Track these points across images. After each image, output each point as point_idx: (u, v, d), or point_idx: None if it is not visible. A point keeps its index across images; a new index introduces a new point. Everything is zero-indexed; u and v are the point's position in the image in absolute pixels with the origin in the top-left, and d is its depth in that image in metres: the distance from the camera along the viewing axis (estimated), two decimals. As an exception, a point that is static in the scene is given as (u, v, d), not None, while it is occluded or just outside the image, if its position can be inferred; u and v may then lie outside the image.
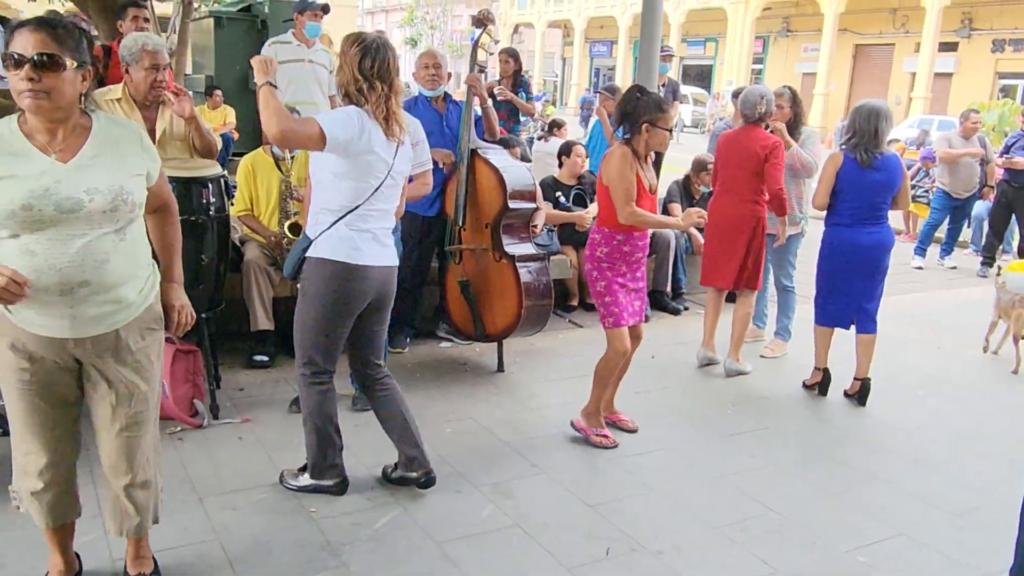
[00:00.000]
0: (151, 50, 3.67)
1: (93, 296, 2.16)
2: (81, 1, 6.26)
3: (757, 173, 4.76)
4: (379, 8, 56.18)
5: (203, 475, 3.32)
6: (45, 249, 2.08)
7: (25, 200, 2.03)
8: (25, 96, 2.04)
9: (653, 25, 6.55)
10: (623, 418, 4.05)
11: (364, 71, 2.87)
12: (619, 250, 3.75)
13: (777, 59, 33.60)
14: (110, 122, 2.25)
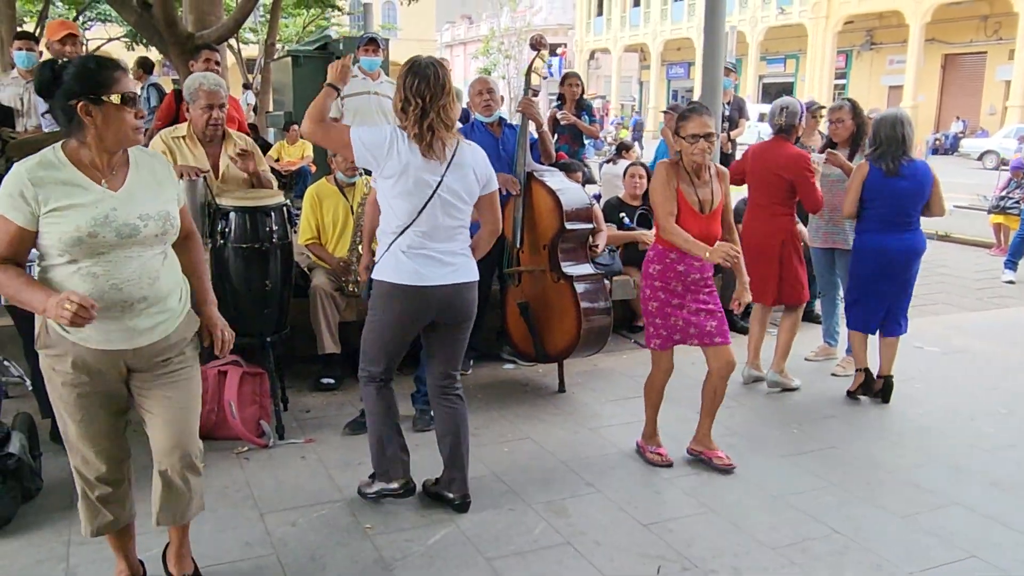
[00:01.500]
0: (207, 89, 3.88)
1: (148, 309, 2.33)
2: (164, 48, 6.64)
3: (783, 187, 4.69)
4: (457, 41, 57.37)
5: (266, 492, 3.43)
6: (106, 271, 2.24)
7: (91, 227, 2.19)
8: (139, 132, 2.29)
9: (716, 43, 6.55)
10: (719, 454, 3.79)
11: (406, 90, 2.98)
12: (673, 269, 3.66)
13: (861, 73, 32.74)
14: (143, 153, 2.42)
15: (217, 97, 3.87)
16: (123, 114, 2.22)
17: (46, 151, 2.26)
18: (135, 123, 2.25)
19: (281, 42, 19.45)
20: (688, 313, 3.66)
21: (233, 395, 3.84)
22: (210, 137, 3.92)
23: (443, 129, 3.00)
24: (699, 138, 3.49)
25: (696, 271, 3.66)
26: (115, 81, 2.21)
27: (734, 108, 7.97)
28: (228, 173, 3.97)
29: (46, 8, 15.82)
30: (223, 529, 3.14)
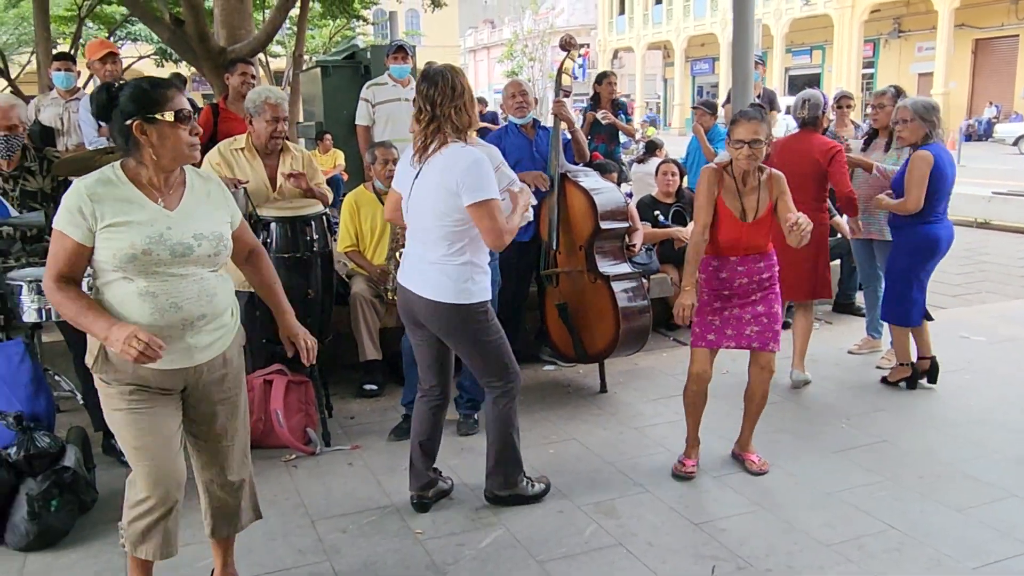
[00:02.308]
0: (273, 103, 3.95)
1: (207, 326, 2.37)
2: (197, 63, 6.74)
3: (815, 179, 4.67)
4: (480, 46, 57.55)
5: (315, 500, 3.46)
6: (164, 290, 2.26)
7: (145, 245, 2.22)
8: (195, 149, 2.32)
9: (745, 37, 6.46)
10: (751, 457, 3.72)
11: (419, 97, 3.02)
12: (716, 276, 3.58)
13: (889, 62, 32.27)
14: (197, 175, 2.44)
15: (281, 110, 3.96)
16: (177, 131, 2.25)
17: (105, 169, 2.29)
18: (190, 140, 2.28)
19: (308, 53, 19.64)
20: (728, 315, 3.58)
21: (279, 404, 3.87)
22: (271, 149, 3.98)
23: (451, 132, 2.98)
24: (743, 144, 3.39)
25: (742, 276, 3.55)
26: (168, 99, 2.24)
27: (764, 101, 7.88)
28: (284, 185, 4.02)
29: (79, 29, 16.12)
30: (275, 537, 3.17)
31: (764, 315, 3.58)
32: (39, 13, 14.90)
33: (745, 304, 3.58)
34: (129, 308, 2.25)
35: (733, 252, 3.54)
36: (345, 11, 17.35)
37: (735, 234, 3.51)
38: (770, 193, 3.53)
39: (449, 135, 2.97)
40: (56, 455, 3.21)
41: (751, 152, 3.40)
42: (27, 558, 3.03)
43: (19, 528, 3.06)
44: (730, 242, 3.52)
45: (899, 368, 4.70)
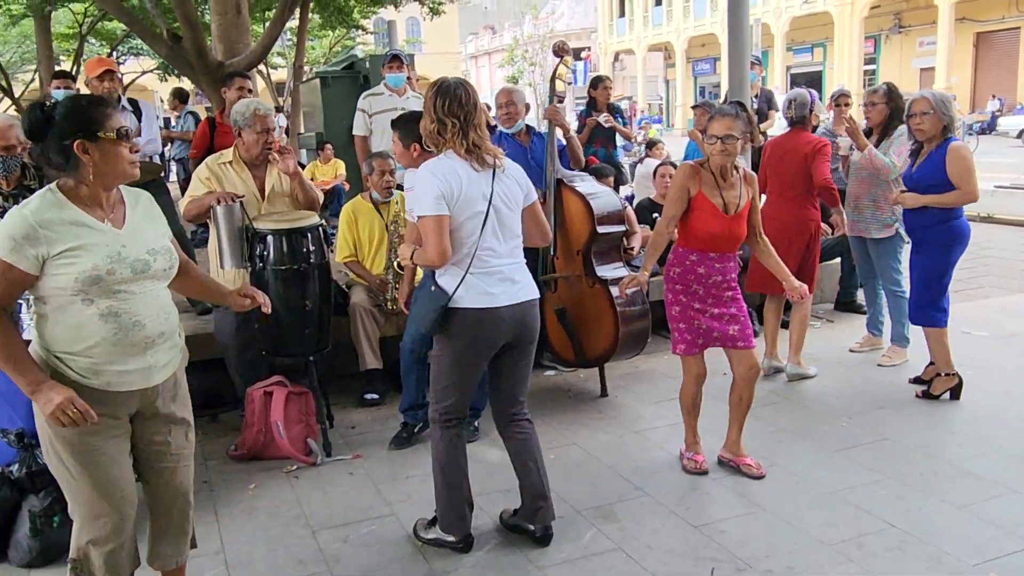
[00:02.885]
0: (262, 114, 3.97)
1: (164, 343, 2.36)
2: (196, 78, 6.78)
3: (804, 176, 4.73)
4: (481, 52, 57.66)
5: (316, 510, 3.47)
6: (125, 309, 2.23)
7: (109, 264, 2.19)
8: (135, 166, 2.29)
9: (741, 38, 6.49)
10: (747, 461, 3.70)
11: (437, 112, 2.90)
12: (693, 271, 3.59)
13: (891, 57, 32.20)
14: (128, 192, 2.39)
15: (270, 121, 3.98)
16: (119, 148, 2.23)
17: (43, 193, 2.21)
18: (131, 157, 2.26)
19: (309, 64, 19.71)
20: (710, 317, 3.59)
21: (279, 415, 3.88)
22: (261, 160, 4.01)
23: (487, 142, 2.95)
24: (717, 139, 3.44)
25: (717, 273, 3.58)
26: (108, 117, 2.21)
27: (762, 101, 7.90)
28: (274, 193, 4.05)
29: (81, 46, 16.23)
30: (276, 548, 3.18)
31: (740, 313, 3.62)
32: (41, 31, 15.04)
33: (719, 303, 3.61)
34: (89, 330, 2.20)
35: (714, 247, 3.55)
36: (344, 21, 17.42)
37: (719, 227, 3.53)
38: (749, 188, 3.61)
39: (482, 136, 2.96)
40: (58, 472, 3.23)
41: (724, 147, 3.44)
42: (30, 574, 3.05)
43: (22, 544, 3.08)
44: (715, 236, 3.53)
45: (944, 379, 4.47)
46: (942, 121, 4.29)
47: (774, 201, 4.92)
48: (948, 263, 4.42)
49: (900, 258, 5.12)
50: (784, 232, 4.72)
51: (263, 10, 14.70)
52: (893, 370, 4.97)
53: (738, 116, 3.47)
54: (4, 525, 3.12)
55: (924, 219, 4.38)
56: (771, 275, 4.44)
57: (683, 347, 3.66)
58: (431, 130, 2.93)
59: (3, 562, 3.11)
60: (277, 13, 7.60)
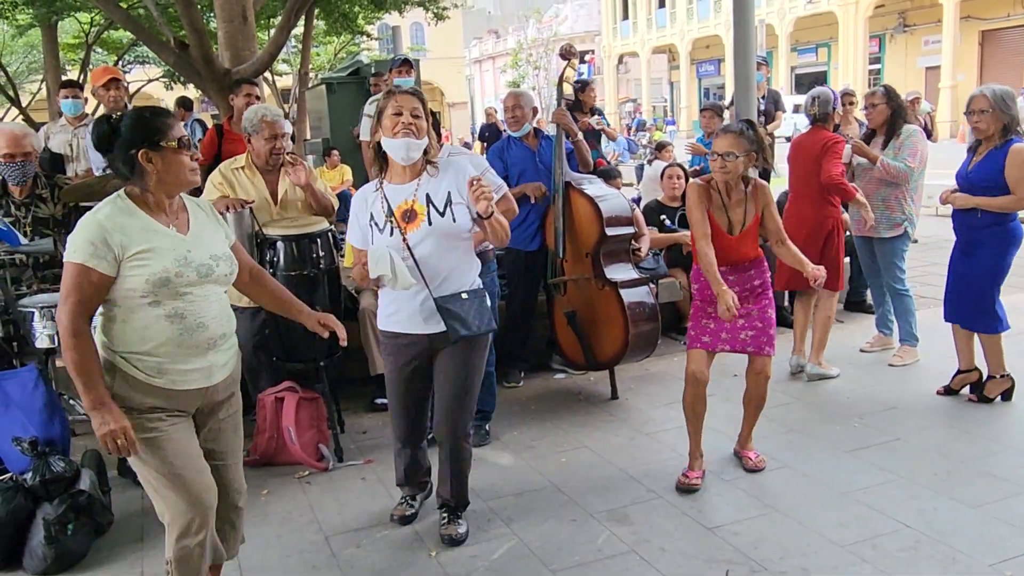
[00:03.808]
0: (270, 120, 3.98)
1: (224, 344, 2.45)
2: (203, 85, 6.80)
3: (820, 172, 4.73)
4: (485, 56, 57.73)
5: (329, 515, 3.47)
6: (190, 311, 2.33)
7: (177, 267, 2.28)
8: (196, 173, 2.39)
9: (747, 39, 6.48)
10: (749, 454, 3.75)
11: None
12: (708, 286, 3.56)
13: (896, 57, 32.12)
14: (190, 201, 2.50)
15: (279, 127, 3.99)
16: (180, 157, 2.32)
17: (114, 199, 2.31)
18: (192, 165, 2.36)
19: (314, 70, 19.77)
20: (724, 319, 3.52)
21: (291, 421, 3.89)
22: (272, 166, 4.03)
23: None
24: (717, 156, 3.45)
25: (732, 284, 3.52)
26: (170, 127, 2.31)
27: (769, 101, 7.90)
28: (287, 199, 4.06)
29: (87, 55, 16.31)
30: (290, 554, 3.18)
31: (758, 319, 3.58)
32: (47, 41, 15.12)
33: (740, 308, 3.54)
34: (155, 331, 2.29)
35: (722, 264, 3.52)
36: (349, 28, 17.46)
37: (723, 247, 3.52)
38: (756, 204, 3.56)
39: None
40: (71, 479, 3.24)
41: (724, 165, 3.43)
42: (46, 582, 3.06)
43: (37, 552, 3.09)
44: (718, 255, 3.51)
45: (999, 381, 4.39)
46: (1001, 120, 4.08)
47: (794, 198, 4.99)
48: (1003, 266, 4.28)
49: (905, 257, 5.11)
50: (802, 228, 4.77)
51: (268, 17, 14.75)
52: (905, 369, 4.95)
53: (742, 134, 3.43)
54: (19, 533, 3.13)
55: (977, 220, 4.23)
56: (797, 272, 4.48)
57: (687, 342, 3.68)
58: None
59: (18, 570, 3.12)
60: (283, 20, 7.62)
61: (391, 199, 2.98)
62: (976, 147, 4.31)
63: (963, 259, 4.38)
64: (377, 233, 2.97)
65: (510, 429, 4.33)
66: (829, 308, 4.93)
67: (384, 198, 2.98)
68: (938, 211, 10.84)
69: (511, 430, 4.32)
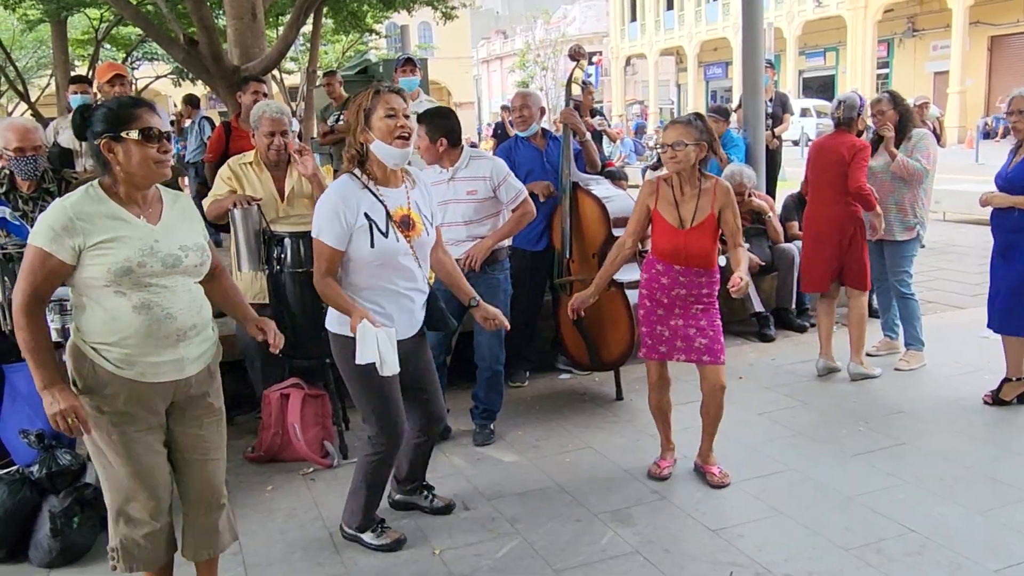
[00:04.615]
0: (269, 117, 4.00)
1: (196, 337, 2.41)
2: (212, 82, 6.82)
3: (840, 175, 4.73)
4: (493, 56, 57.77)
5: (333, 513, 3.46)
6: (157, 302, 2.30)
7: (140, 257, 2.26)
8: (164, 166, 2.31)
9: (755, 41, 6.50)
10: (712, 469, 3.64)
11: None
12: (657, 280, 3.55)
13: (904, 61, 32.07)
14: (167, 193, 2.47)
15: (280, 124, 4.00)
16: (143, 149, 2.26)
17: (86, 187, 2.32)
18: (157, 156, 2.29)
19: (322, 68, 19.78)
20: (676, 325, 3.54)
21: (296, 417, 3.90)
22: (275, 162, 4.04)
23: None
24: (667, 147, 3.42)
25: (681, 287, 3.50)
26: (135, 118, 2.26)
27: (776, 104, 7.90)
28: (293, 195, 4.07)
29: (96, 51, 16.36)
30: (294, 551, 3.19)
31: (709, 328, 3.54)
32: (57, 37, 15.18)
33: (688, 316, 3.54)
34: (122, 322, 2.28)
35: (676, 261, 3.49)
36: (357, 26, 17.49)
37: (673, 242, 3.48)
38: (712, 202, 3.47)
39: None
40: (77, 472, 3.25)
41: (674, 154, 3.39)
42: (50, 574, 3.07)
43: (42, 545, 3.10)
44: (671, 250, 3.50)
45: (1016, 383, 4.36)
46: None
47: (814, 200, 5.00)
48: None
49: (913, 261, 5.11)
50: (823, 230, 4.84)
51: (277, 15, 14.78)
52: (911, 374, 4.94)
53: (691, 124, 3.44)
54: (25, 526, 3.14)
55: (1014, 220, 4.21)
56: (821, 274, 4.50)
57: (643, 351, 3.65)
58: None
59: (24, 562, 3.13)
60: (292, 18, 7.63)
61: (387, 203, 2.89)
62: (1017, 148, 4.35)
63: (1001, 263, 4.37)
64: (380, 236, 2.83)
65: (515, 429, 4.33)
66: (861, 307, 4.91)
67: (379, 200, 2.87)
68: (945, 216, 10.85)
69: (516, 429, 4.32)
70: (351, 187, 2.87)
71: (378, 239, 2.84)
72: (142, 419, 2.37)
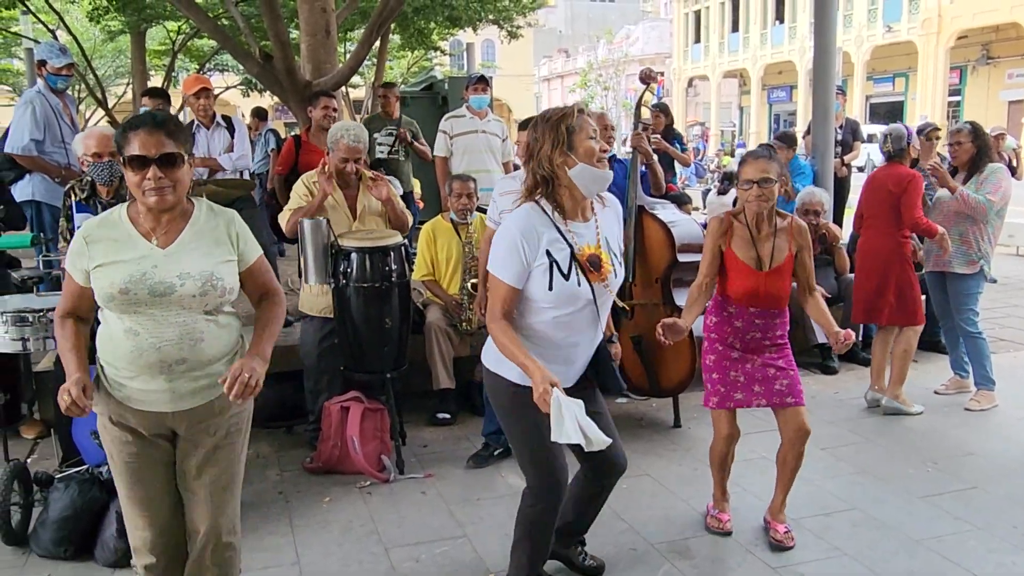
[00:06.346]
0: (347, 144, 4.05)
1: (189, 372, 2.27)
2: (284, 96, 6.98)
3: (890, 207, 4.73)
4: (554, 75, 57.97)
5: (389, 527, 3.49)
6: (146, 329, 2.22)
7: (123, 284, 2.19)
8: (150, 194, 2.16)
9: (826, 66, 6.40)
10: (777, 527, 3.36)
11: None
12: (730, 323, 3.33)
13: (977, 89, 31.23)
14: (210, 210, 2.36)
15: (355, 152, 4.06)
16: (129, 174, 2.17)
17: (114, 209, 2.32)
18: (143, 184, 2.16)
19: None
20: (752, 367, 3.31)
21: (355, 430, 3.93)
22: (347, 182, 4.11)
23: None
24: (752, 184, 3.18)
25: (757, 329, 3.31)
26: (127, 142, 2.17)
27: (847, 131, 7.74)
28: (365, 212, 4.15)
29: (172, 62, 16.90)
30: (349, 564, 3.21)
31: (788, 367, 3.32)
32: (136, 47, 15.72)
33: (763, 357, 3.33)
34: (113, 343, 2.27)
35: (751, 303, 3.29)
36: (423, 43, 17.74)
37: (752, 285, 3.26)
38: (789, 241, 3.30)
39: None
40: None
41: (761, 192, 3.18)
42: (115, 574, 3.14)
43: (108, 544, 3.18)
44: (747, 293, 3.27)
45: None
46: None
47: (865, 231, 4.98)
48: None
49: (979, 298, 4.96)
50: (874, 261, 4.82)
51: (346, 31, 15.08)
52: (982, 415, 4.78)
53: (772, 158, 3.27)
54: (92, 525, 3.23)
55: None
56: (877, 304, 4.37)
57: (715, 400, 3.35)
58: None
59: (90, 560, 3.21)
60: (364, 35, 7.77)
61: (573, 240, 2.50)
62: None
63: None
64: (560, 279, 2.45)
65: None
66: (907, 342, 4.85)
67: (562, 236, 2.48)
68: (1019, 251, 10.49)
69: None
70: (534, 219, 2.48)
71: (557, 281, 2.46)
72: (138, 445, 2.31)
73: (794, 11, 36.09)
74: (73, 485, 3.26)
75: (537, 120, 2.53)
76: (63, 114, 5.27)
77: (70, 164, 5.07)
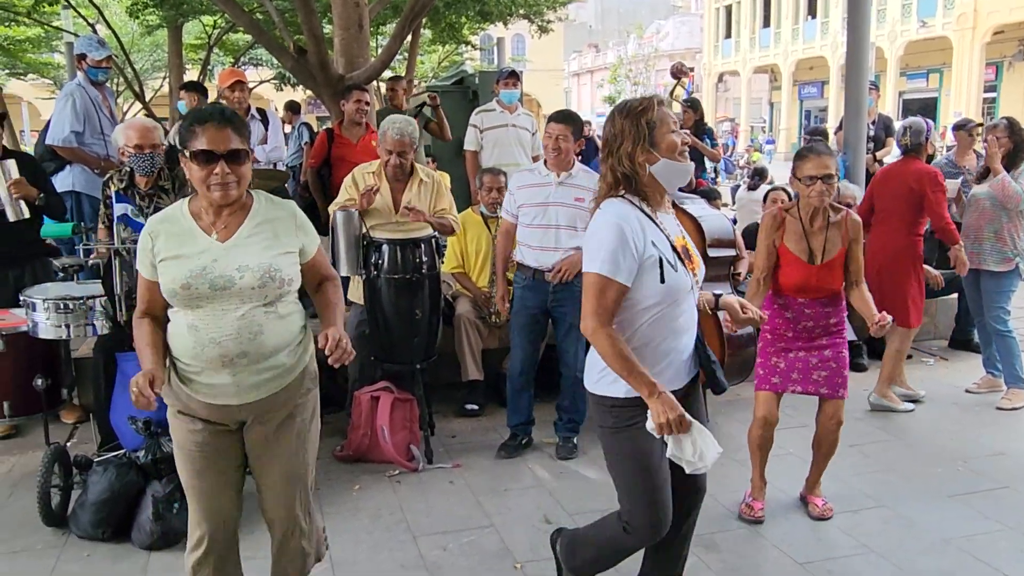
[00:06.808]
0: (391, 137, 4.05)
1: (252, 365, 2.26)
2: (317, 90, 7.03)
3: (909, 204, 4.65)
4: (584, 70, 57.80)
5: (417, 516, 3.54)
6: (205, 324, 2.23)
7: (185, 279, 2.21)
8: (215, 188, 2.19)
9: (860, 61, 6.33)
10: (816, 501, 3.56)
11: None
12: (780, 315, 3.45)
13: (1014, 85, 30.64)
14: (269, 202, 2.36)
15: (399, 145, 4.03)
16: (193, 168, 2.19)
17: (176, 204, 2.35)
18: (209, 180, 2.18)
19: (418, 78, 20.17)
20: (795, 357, 3.42)
21: (385, 420, 3.99)
22: (394, 175, 4.12)
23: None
24: (816, 180, 3.24)
25: (807, 319, 3.41)
26: (193, 136, 2.19)
27: (879, 127, 7.65)
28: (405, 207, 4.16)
29: (208, 56, 17.09)
30: (379, 551, 3.26)
31: (832, 359, 3.42)
32: (173, 41, 15.91)
33: (811, 348, 3.42)
34: (179, 339, 2.28)
35: (801, 295, 3.40)
36: (454, 37, 17.77)
37: (803, 277, 3.35)
38: (843, 235, 3.37)
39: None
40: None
41: (825, 188, 3.24)
42: (151, 556, 3.22)
43: (144, 527, 3.25)
44: (798, 285, 3.37)
45: None
46: None
47: (875, 226, 4.84)
48: None
49: (1011, 296, 4.92)
50: (879, 256, 4.71)
51: (378, 25, 15.15)
52: (1014, 414, 4.73)
53: (832, 154, 3.31)
54: (129, 508, 3.31)
55: None
56: (894, 306, 4.35)
57: (756, 382, 3.52)
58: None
59: (127, 543, 3.29)
60: (396, 30, 7.81)
61: (668, 231, 2.40)
62: None
63: None
64: (671, 270, 2.31)
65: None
66: (899, 342, 4.80)
67: (660, 228, 2.37)
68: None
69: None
70: (632, 212, 2.33)
71: (669, 273, 2.31)
72: (205, 436, 2.33)
73: (827, 6, 35.60)
74: (111, 469, 3.34)
75: (615, 113, 2.39)
76: (102, 106, 5.37)
77: (109, 155, 5.17)
